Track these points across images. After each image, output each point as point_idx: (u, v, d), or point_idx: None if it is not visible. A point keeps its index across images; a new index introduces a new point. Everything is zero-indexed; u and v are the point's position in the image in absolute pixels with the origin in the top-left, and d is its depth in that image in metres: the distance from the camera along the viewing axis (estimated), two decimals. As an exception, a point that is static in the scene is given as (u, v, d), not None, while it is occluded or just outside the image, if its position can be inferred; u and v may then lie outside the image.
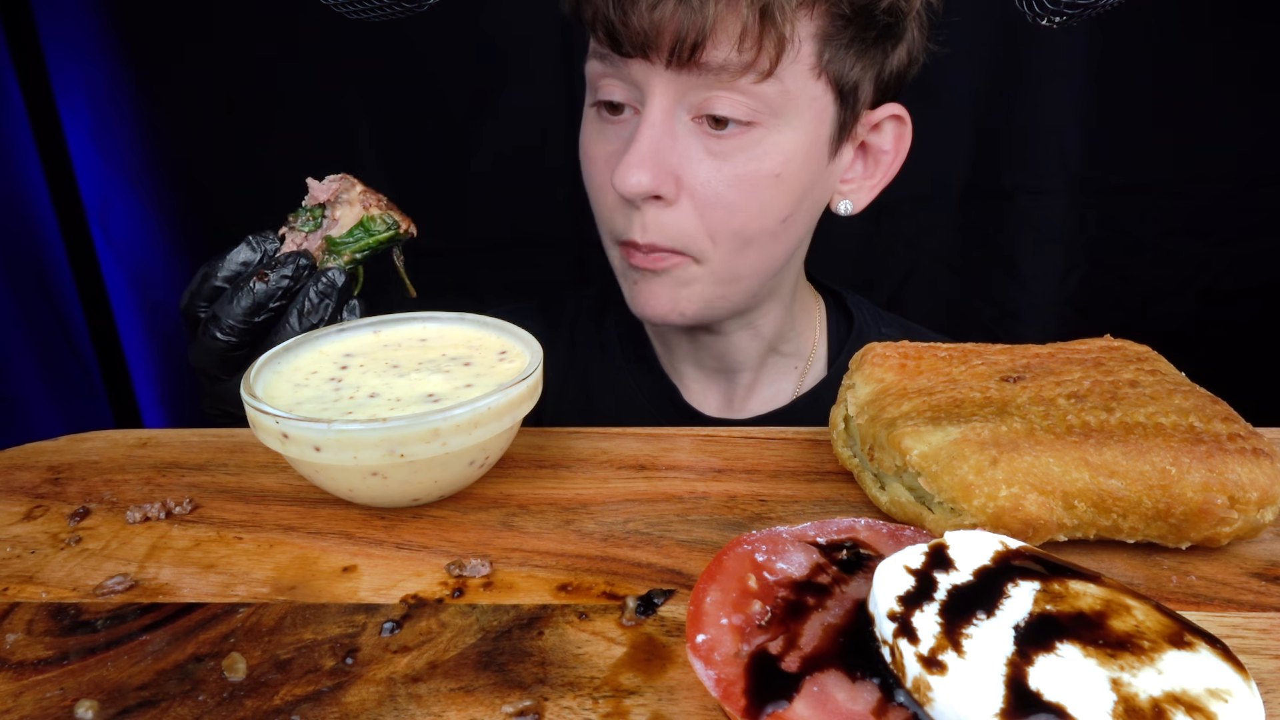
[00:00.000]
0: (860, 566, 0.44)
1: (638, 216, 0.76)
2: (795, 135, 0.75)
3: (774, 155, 0.74)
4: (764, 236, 0.78)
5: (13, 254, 1.48)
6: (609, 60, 0.75)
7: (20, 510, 0.57)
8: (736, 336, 0.88)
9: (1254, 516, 0.48)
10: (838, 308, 0.98)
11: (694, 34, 0.68)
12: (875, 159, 0.83)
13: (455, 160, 1.45)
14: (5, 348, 1.47)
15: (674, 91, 0.72)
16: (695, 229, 0.76)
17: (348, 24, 0.86)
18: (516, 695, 0.41)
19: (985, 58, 1.35)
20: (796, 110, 0.74)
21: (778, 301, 0.88)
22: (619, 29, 0.70)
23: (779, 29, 0.69)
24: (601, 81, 0.77)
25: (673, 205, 0.75)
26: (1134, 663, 0.34)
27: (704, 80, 0.71)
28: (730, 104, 0.72)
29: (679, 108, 0.73)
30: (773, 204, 0.76)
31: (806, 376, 0.94)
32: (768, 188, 0.75)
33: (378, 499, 0.55)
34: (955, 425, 0.51)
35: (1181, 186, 1.42)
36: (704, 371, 0.93)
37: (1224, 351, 1.45)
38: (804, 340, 0.94)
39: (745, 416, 0.93)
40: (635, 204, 0.75)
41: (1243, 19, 1.33)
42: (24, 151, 1.48)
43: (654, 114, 0.73)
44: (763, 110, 0.72)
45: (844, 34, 0.73)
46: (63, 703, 0.41)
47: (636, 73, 0.73)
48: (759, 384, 0.93)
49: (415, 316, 0.64)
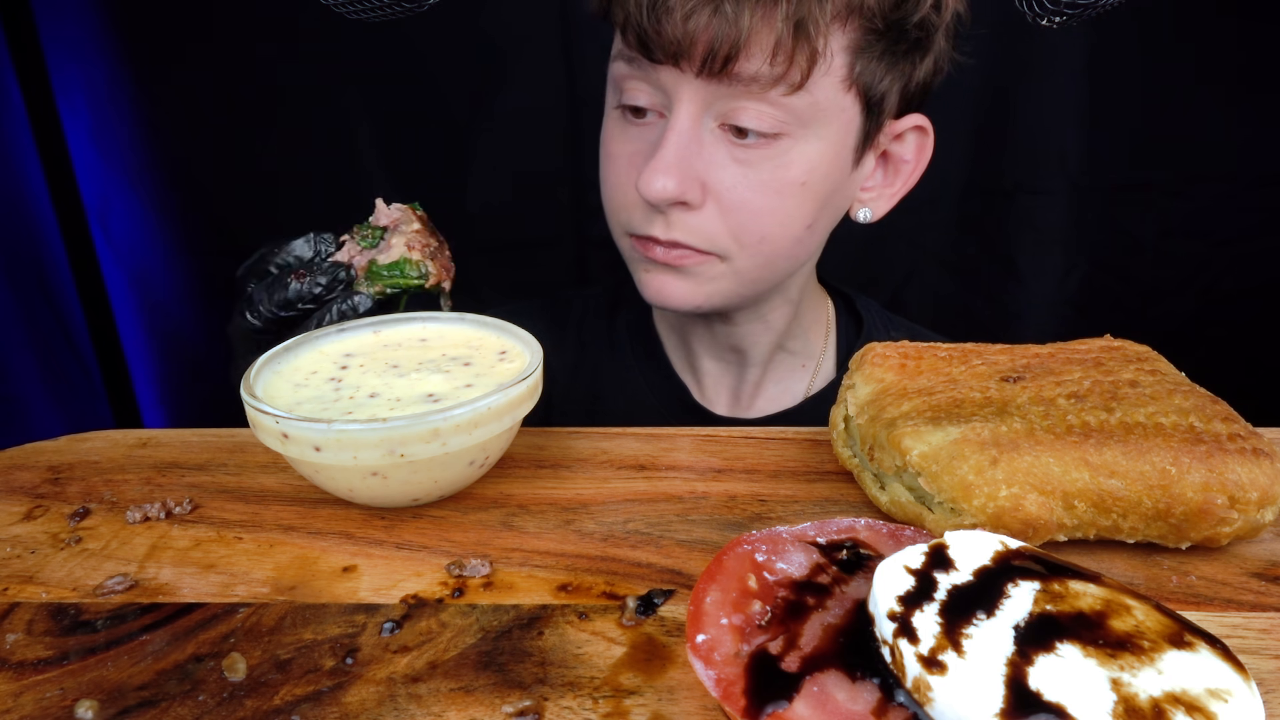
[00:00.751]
0: (860, 566, 0.44)
1: (660, 217, 0.76)
2: (822, 146, 0.75)
3: (800, 164, 0.74)
4: (788, 242, 0.78)
5: (13, 254, 1.48)
6: (637, 64, 0.74)
7: (20, 510, 0.57)
8: (748, 327, 0.89)
9: (1254, 516, 0.48)
10: (848, 310, 0.98)
11: (727, 46, 0.68)
12: (896, 168, 0.83)
13: (455, 160, 1.45)
14: (5, 348, 1.47)
15: (702, 99, 0.72)
16: (720, 231, 0.76)
17: (348, 24, 0.86)
18: (516, 695, 0.41)
19: (985, 58, 1.35)
20: (825, 121, 0.74)
21: (785, 299, 0.88)
22: (651, 36, 0.70)
23: (812, 43, 0.69)
24: (627, 84, 0.76)
25: (698, 210, 0.75)
26: (1134, 663, 0.34)
27: (733, 90, 0.71)
28: (757, 116, 0.71)
29: (706, 115, 0.73)
30: (798, 211, 0.76)
31: (816, 378, 0.94)
32: (793, 195, 0.75)
33: (378, 499, 0.55)
34: (955, 425, 0.51)
35: (1181, 186, 1.42)
36: (718, 362, 0.93)
37: (1224, 351, 1.45)
38: (812, 340, 0.94)
39: (754, 416, 0.93)
40: (659, 209, 0.75)
41: (1242, 19, 1.33)
42: (24, 151, 1.48)
43: (682, 121, 0.73)
44: (790, 121, 0.72)
45: (876, 46, 0.73)
46: (63, 703, 0.41)
47: (666, 79, 0.73)
48: (767, 381, 0.93)
49: (415, 316, 0.64)
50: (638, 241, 0.79)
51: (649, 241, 0.78)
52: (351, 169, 1.46)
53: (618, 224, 0.82)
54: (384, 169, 1.46)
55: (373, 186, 1.47)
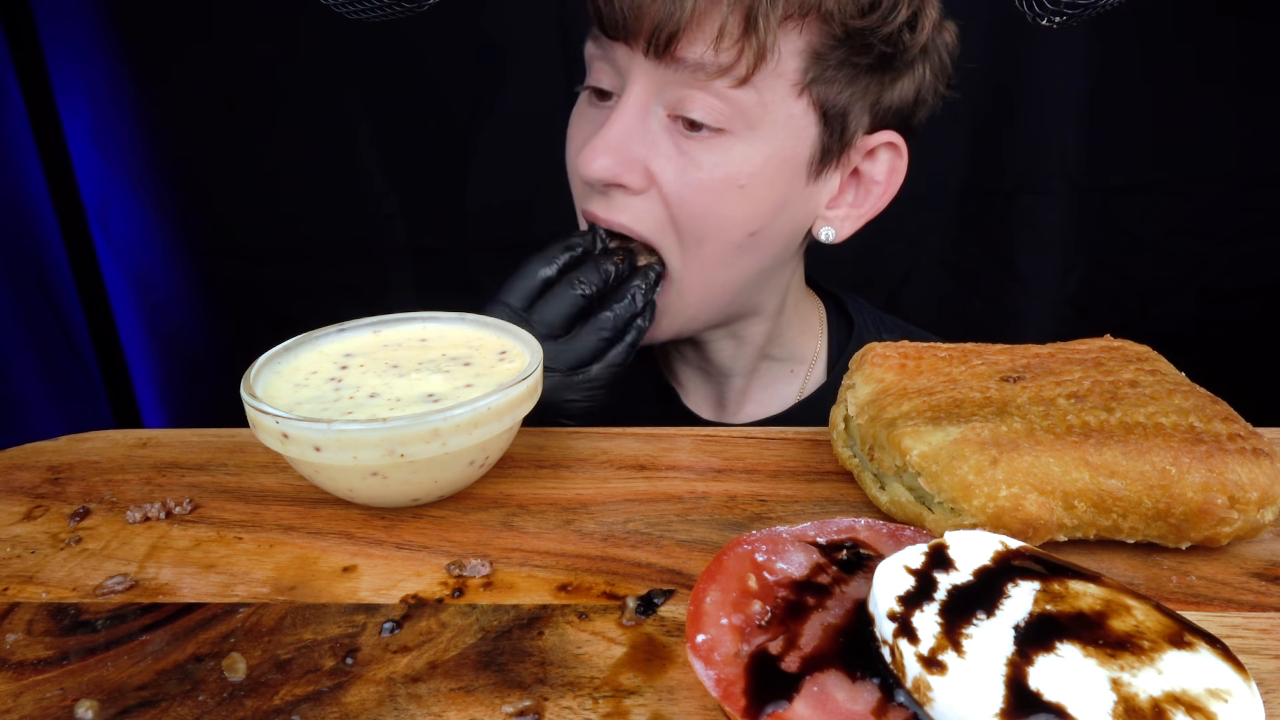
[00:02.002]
0: (860, 566, 0.44)
1: (601, 198, 0.77)
2: (766, 150, 0.74)
3: (739, 165, 0.73)
4: (727, 247, 0.77)
5: (13, 254, 1.48)
6: (599, 43, 0.76)
7: (20, 510, 0.57)
8: (721, 344, 0.88)
9: (1254, 516, 0.48)
10: (838, 312, 0.97)
11: (671, 24, 0.69)
12: (866, 189, 0.81)
13: (455, 160, 1.45)
14: (5, 348, 1.48)
15: (652, 83, 0.73)
16: (662, 220, 0.76)
17: (348, 24, 0.87)
18: (516, 695, 0.41)
19: (985, 58, 1.35)
20: (772, 125, 0.73)
21: (763, 318, 0.87)
22: (603, 10, 0.71)
23: (760, 37, 0.68)
24: (593, 65, 0.78)
25: (640, 195, 0.75)
26: (1134, 663, 0.34)
27: (681, 76, 0.71)
28: (704, 107, 0.71)
29: (655, 102, 0.74)
30: (736, 213, 0.75)
31: (808, 382, 0.93)
32: (731, 196, 0.74)
33: (378, 499, 0.55)
34: (955, 425, 0.51)
35: (1181, 186, 1.42)
36: (696, 373, 0.93)
37: (1224, 351, 1.45)
38: (802, 346, 0.93)
39: (741, 421, 0.93)
40: (594, 188, 0.76)
41: (1242, 19, 1.33)
42: (24, 151, 1.48)
43: (628, 103, 0.73)
44: (736, 119, 0.72)
45: (833, 55, 0.72)
46: (63, 703, 0.41)
47: (620, 58, 0.74)
48: (752, 389, 0.93)
49: (415, 316, 0.64)
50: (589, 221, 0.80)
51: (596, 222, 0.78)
52: (351, 169, 1.46)
53: (578, 207, 0.82)
54: (384, 169, 1.46)
55: (373, 186, 1.47)
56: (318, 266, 1.51)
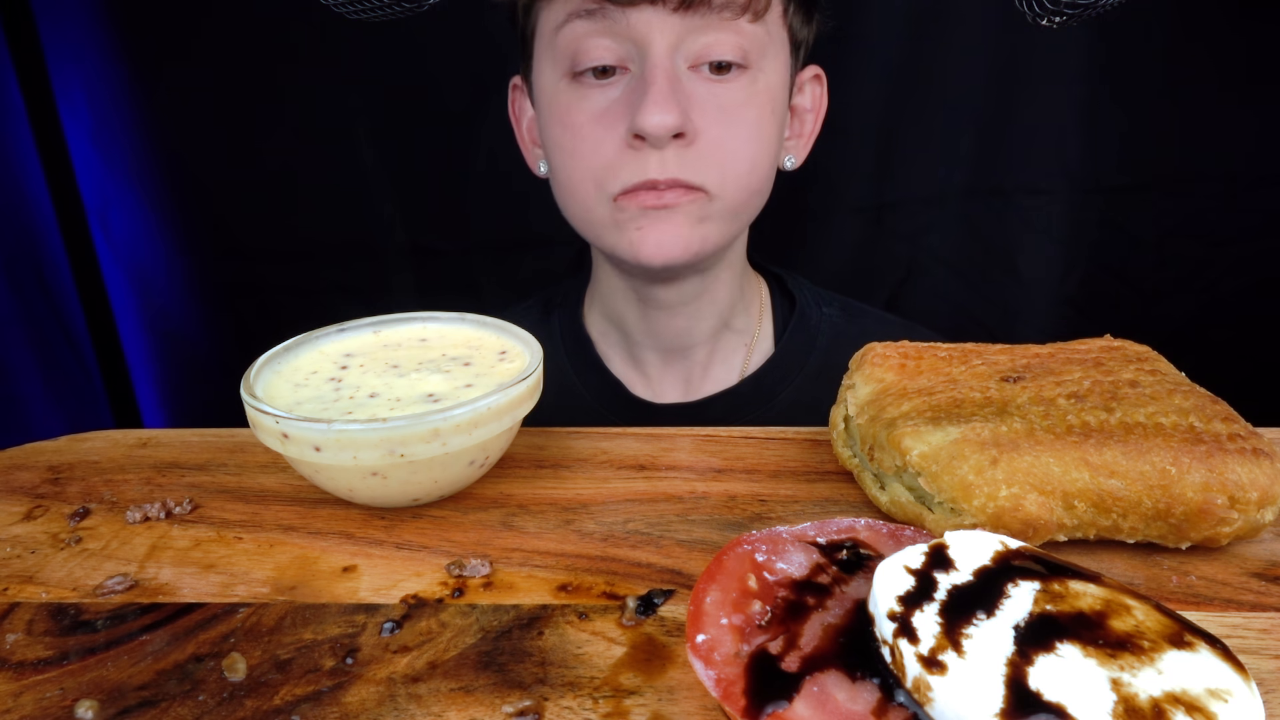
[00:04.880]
0: (860, 566, 0.44)
1: (656, 156, 0.76)
2: (775, 78, 0.80)
3: (765, 94, 0.79)
4: (762, 177, 0.82)
5: (13, 254, 1.48)
6: (599, 16, 0.75)
7: (20, 510, 0.57)
8: (694, 305, 0.89)
9: (1254, 516, 0.48)
10: (780, 289, 1.00)
11: None
12: (801, 118, 0.89)
13: (455, 160, 1.45)
14: (5, 348, 1.47)
15: (674, 37, 0.75)
16: (709, 165, 0.77)
17: (348, 24, 0.87)
18: (516, 695, 0.41)
19: (985, 58, 1.35)
20: (774, 54, 0.79)
21: (729, 266, 0.90)
22: None
23: None
24: (586, 44, 0.76)
25: (693, 143, 0.76)
26: (1134, 663, 0.34)
27: (705, 22, 0.74)
28: (729, 45, 0.75)
29: (676, 55, 0.75)
30: (771, 141, 0.81)
31: (753, 355, 0.95)
32: (767, 125, 0.80)
33: (378, 499, 0.55)
34: (955, 425, 0.51)
35: (1181, 186, 1.42)
36: (663, 354, 0.94)
37: (1224, 351, 1.45)
38: (751, 316, 0.96)
39: (699, 398, 0.93)
40: (657, 145, 0.75)
41: (1243, 18, 1.33)
42: (24, 151, 1.48)
43: (660, 59, 0.75)
44: (753, 52, 0.77)
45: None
46: (63, 703, 0.41)
47: (636, 22, 0.74)
48: (713, 362, 0.94)
49: (415, 316, 0.65)
50: (627, 198, 0.78)
51: (642, 191, 0.77)
52: (351, 169, 1.46)
53: (598, 192, 0.80)
54: (384, 169, 1.46)
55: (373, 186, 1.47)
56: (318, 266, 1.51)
